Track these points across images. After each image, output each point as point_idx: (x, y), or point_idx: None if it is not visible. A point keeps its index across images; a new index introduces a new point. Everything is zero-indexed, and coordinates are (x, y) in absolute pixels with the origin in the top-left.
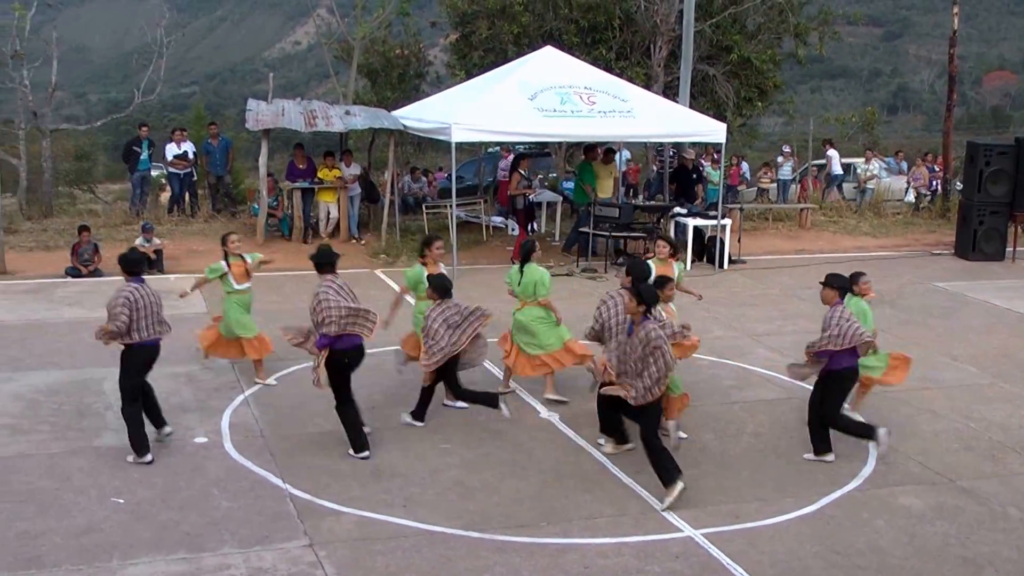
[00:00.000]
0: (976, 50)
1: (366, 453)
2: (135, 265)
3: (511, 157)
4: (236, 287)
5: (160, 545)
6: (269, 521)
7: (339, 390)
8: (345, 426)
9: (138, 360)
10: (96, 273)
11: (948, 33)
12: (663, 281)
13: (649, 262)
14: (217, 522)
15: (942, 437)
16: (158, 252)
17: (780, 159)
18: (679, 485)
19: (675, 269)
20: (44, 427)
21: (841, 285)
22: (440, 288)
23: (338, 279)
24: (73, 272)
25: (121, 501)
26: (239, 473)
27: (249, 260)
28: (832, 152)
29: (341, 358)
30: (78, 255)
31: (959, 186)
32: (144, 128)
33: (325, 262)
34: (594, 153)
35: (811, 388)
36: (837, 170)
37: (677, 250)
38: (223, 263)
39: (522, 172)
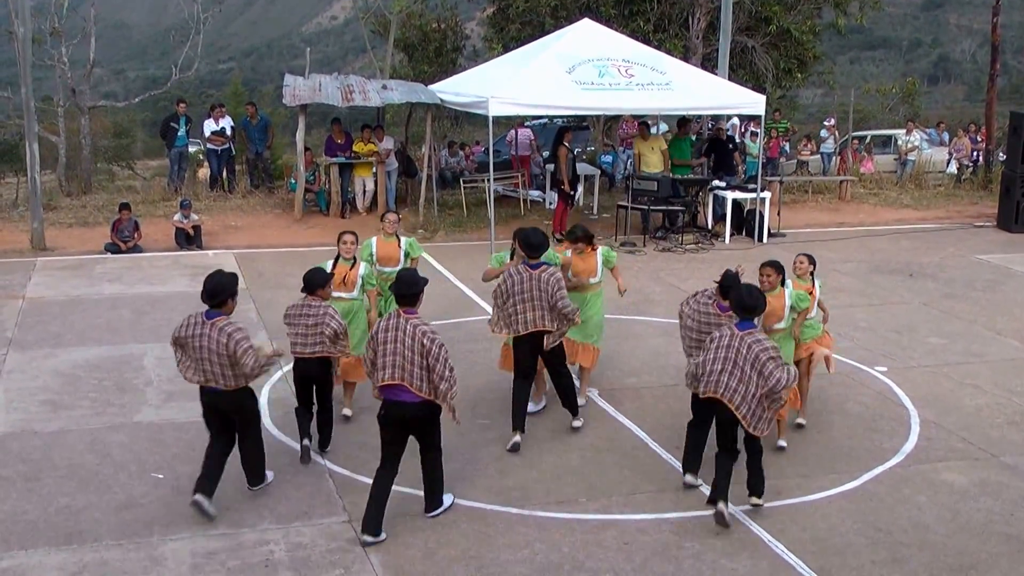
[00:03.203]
0: (1019, 19)
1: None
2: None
3: (526, 130)
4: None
5: (199, 520)
6: (308, 497)
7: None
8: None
9: None
10: (135, 249)
11: (991, 1)
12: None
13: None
14: (256, 498)
15: (985, 412)
16: (196, 228)
17: (824, 132)
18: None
19: (598, 256)
20: (84, 403)
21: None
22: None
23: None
24: (112, 248)
25: (161, 476)
26: (278, 449)
27: (362, 269)
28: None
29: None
30: (118, 232)
31: (1002, 157)
32: (182, 104)
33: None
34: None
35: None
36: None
37: (591, 239)
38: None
39: (567, 144)
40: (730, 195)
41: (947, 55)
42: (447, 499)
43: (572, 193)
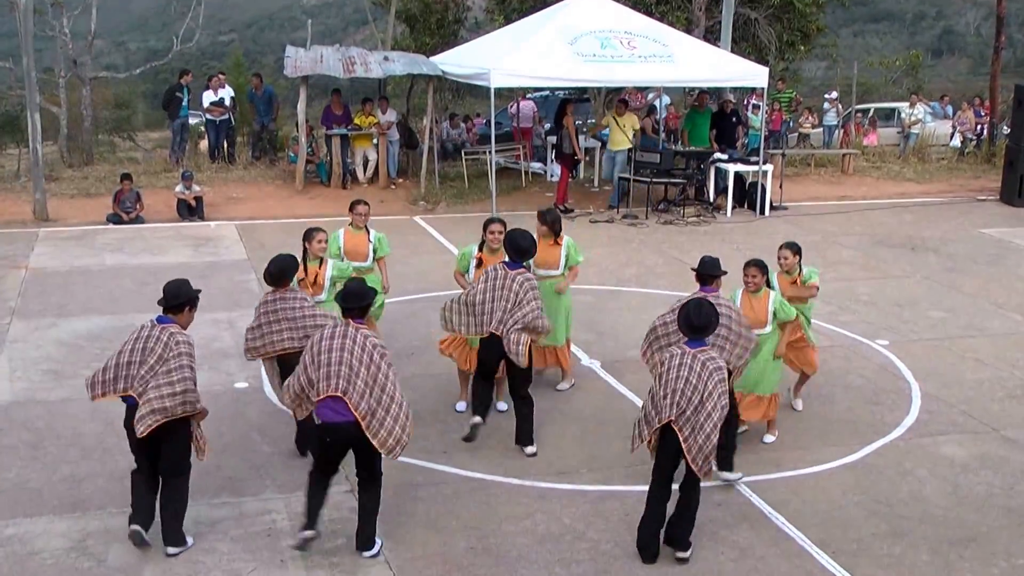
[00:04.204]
0: None
1: None
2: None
3: (528, 102)
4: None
5: (203, 489)
6: (309, 467)
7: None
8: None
9: None
10: (137, 220)
11: None
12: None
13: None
14: (258, 467)
15: (986, 386)
16: (198, 199)
17: (826, 105)
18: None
19: (563, 249)
20: (87, 372)
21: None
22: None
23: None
24: (114, 219)
25: None
26: (280, 419)
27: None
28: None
29: None
30: (120, 203)
31: (1006, 131)
32: (187, 75)
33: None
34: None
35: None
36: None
37: (559, 230)
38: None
39: (571, 115)
40: (732, 168)
41: (952, 28)
42: (379, 542)
43: (578, 160)
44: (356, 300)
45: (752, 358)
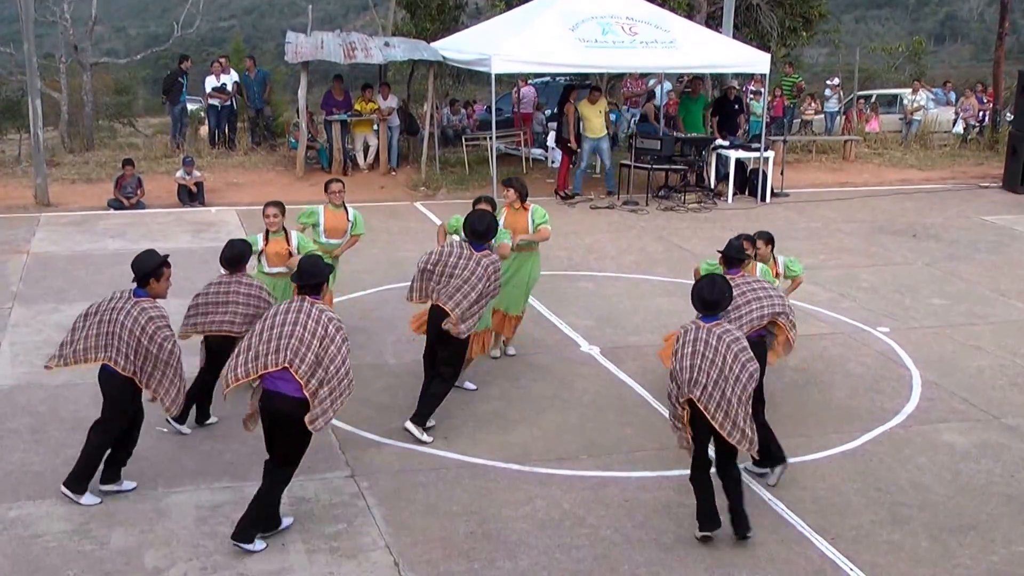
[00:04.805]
0: None
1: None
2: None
3: (529, 88)
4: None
5: (204, 473)
6: (311, 452)
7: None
8: None
9: None
10: (139, 206)
11: None
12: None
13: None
14: (260, 452)
15: (987, 373)
16: (199, 185)
17: (828, 91)
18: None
19: (530, 215)
20: None
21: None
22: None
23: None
24: (116, 204)
25: (165, 430)
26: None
27: (349, 217)
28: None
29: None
30: (121, 188)
31: (1009, 117)
32: (187, 61)
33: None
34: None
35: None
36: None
37: (525, 195)
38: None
39: (573, 102)
40: (733, 154)
41: (954, 13)
42: (286, 521)
43: (577, 149)
44: (310, 277)
45: None
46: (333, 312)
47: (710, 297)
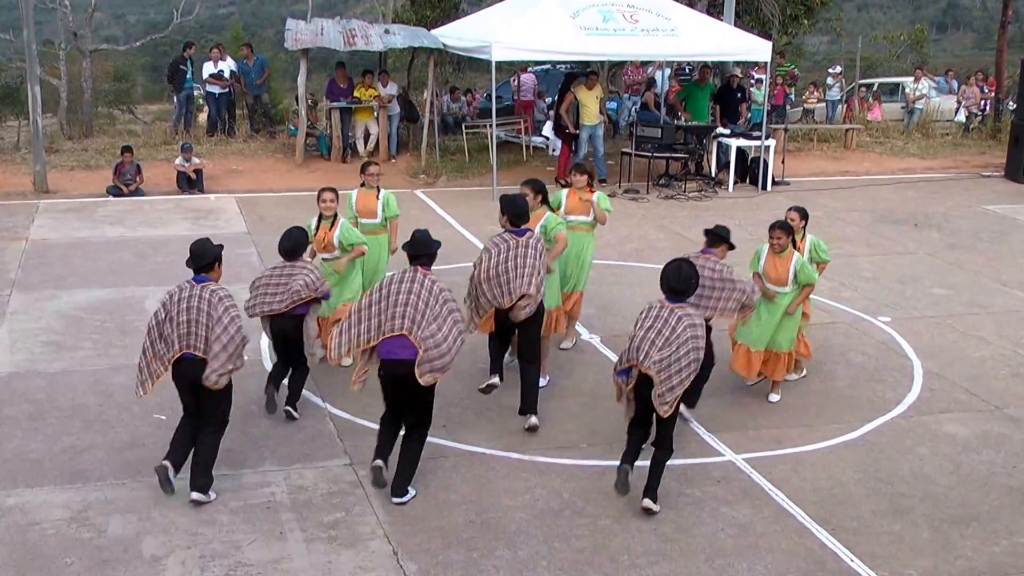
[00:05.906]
0: None
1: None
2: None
3: (529, 75)
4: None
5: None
6: (309, 440)
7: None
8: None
9: None
10: (137, 192)
11: None
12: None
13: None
14: (257, 440)
15: (989, 364)
16: (198, 172)
17: (829, 80)
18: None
19: (594, 199)
20: (87, 344)
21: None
22: None
23: None
24: (114, 191)
25: (163, 417)
26: (279, 392)
27: (380, 197)
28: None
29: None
30: (120, 175)
31: (1011, 106)
32: (191, 48)
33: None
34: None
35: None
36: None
37: (593, 179)
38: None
39: (573, 91)
40: (734, 143)
41: (957, 2)
42: (412, 491)
43: (576, 135)
44: (423, 247)
45: (755, 313)
46: (442, 283)
47: (676, 285)
